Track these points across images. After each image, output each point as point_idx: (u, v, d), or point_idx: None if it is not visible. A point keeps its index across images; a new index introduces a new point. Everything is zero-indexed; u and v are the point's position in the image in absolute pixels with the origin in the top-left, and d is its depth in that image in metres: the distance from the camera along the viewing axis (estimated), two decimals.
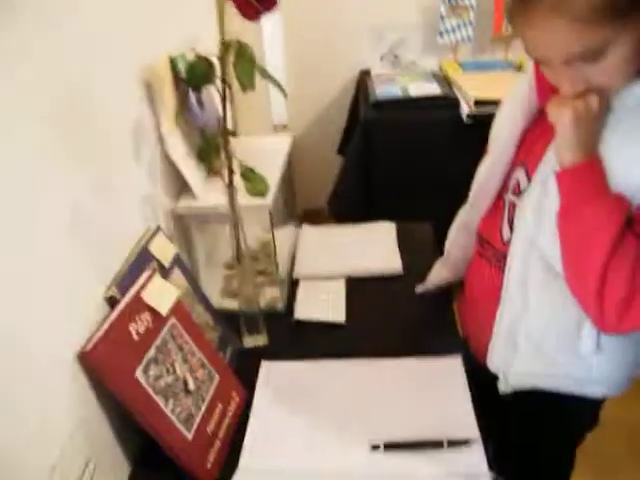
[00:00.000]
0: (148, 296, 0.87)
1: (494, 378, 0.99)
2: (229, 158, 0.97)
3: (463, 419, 0.91)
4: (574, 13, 0.68)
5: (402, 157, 2.08)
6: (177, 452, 0.84)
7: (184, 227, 1.18)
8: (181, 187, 1.16)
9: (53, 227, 0.75)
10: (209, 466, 0.87)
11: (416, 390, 0.97)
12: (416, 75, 2.45)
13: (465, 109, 2.03)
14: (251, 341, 1.14)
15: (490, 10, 2.41)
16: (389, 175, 2.10)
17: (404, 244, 1.40)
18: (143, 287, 0.88)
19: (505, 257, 0.90)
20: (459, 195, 1.06)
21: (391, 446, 0.86)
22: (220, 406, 0.94)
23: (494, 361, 0.97)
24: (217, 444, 0.91)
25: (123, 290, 0.87)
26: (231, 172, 0.98)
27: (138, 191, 1.01)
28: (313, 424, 0.93)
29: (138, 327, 0.84)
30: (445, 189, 2.00)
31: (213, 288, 1.28)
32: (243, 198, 1.04)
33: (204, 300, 1.09)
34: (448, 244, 1.15)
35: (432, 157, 2.05)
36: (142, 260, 0.94)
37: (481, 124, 1.00)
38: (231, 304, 1.21)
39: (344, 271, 1.31)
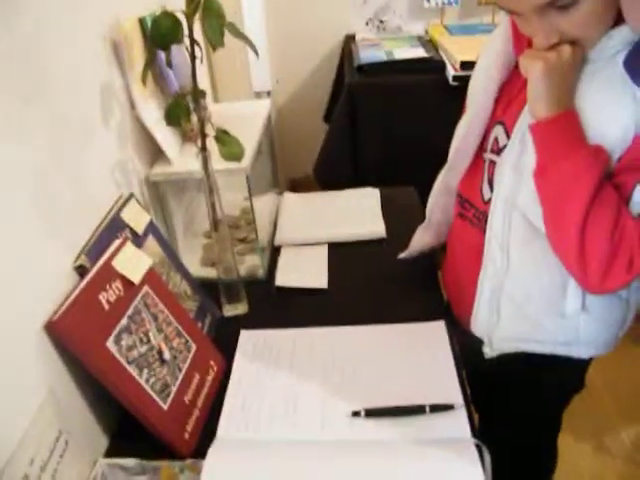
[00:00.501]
0: (119, 264, 0.84)
1: (479, 342, 0.97)
2: (201, 120, 0.94)
3: (446, 384, 0.88)
4: None
5: (388, 121, 2.05)
6: (153, 423, 0.82)
7: (160, 195, 1.14)
8: (156, 153, 1.13)
9: (14, 195, 0.72)
10: (187, 436, 0.85)
11: (399, 356, 0.95)
12: (402, 40, 2.40)
13: (451, 71, 1.99)
14: (231, 310, 1.12)
15: None
16: (375, 140, 2.06)
17: (388, 209, 1.38)
18: (114, 255, 0.85)
19: (486, 217, 0.88)
20: (444, 158, 1.03)
21: (372, 413, 0.84)
22: (197, 376, 0.92)
23: (478, 325, 0.95)
24: (195, 414, 0.88)
25: (93, 259, 0.84)
26: (204, 135, 0.95)
27: (108, 157, 0.97)
28: (292, 393, 0.90)
29: (109, 296, 0.81)
30: (431, 152, 1.97)
31: (192, 257, 1.25)
32: (218, 163, 1.01)
33: (181, 269, 1.06)
34: (429, 208, 1.11)
35: (418, 120, 2.02)
36: (113, 228, 0.91)
37: (467, 86, 0.96)
38: (210, 273, 1.19)
39: (326, 237, 1.29)
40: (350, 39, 2.53)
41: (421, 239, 1.16)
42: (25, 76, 0.75)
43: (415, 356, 0.94)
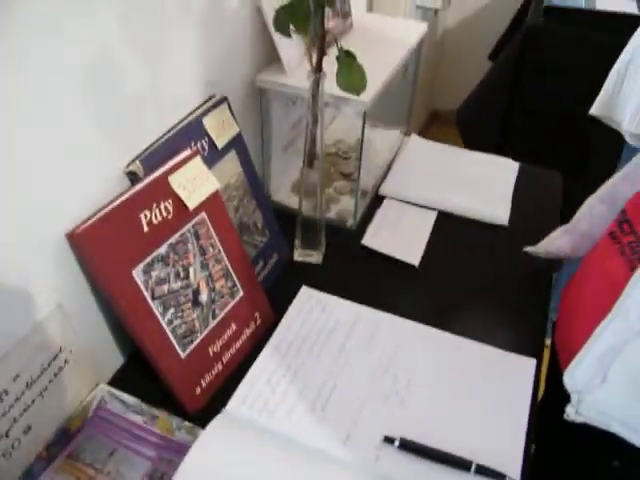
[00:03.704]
0: (177, 181, 0.72)
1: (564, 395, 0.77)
2: (322, 32, 0.76)
3: (509, 444, 0.71)
4: None
5: (562, 84, 1.73)
6: (162, 369, 0.71)
7: (263, 105, 0.99)
8: (270, 57, 0.96)
9: (69, 74, 0.59)
10: (198, 391, 0.75)
11: (467, 384, 0.78)
12: None
13: None
14: (303, 255, 0.98)
15: None
16: (539, 100, 1.76)
17: (522, 191, 1.15)
18: (175, 169, 0.72)
19: None
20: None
21: (407, 446, 0.70)
22: (234, 327, 0.80)
23: (574, 379, 0.75)
24: (217, 368, 0.78)
25: (150, 167, 0.71)
26: (322, 52, 0.78)
27: (208, 45, 0.82)
28: (330, 385, 0.77)
29: (152, 216, 0.69)
30: (603, 139, 1.66)
31: (285, 181, 1.11)
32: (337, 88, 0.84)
33: (259, 197, 0.92)
34: (580, 213, 0.90)
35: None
36: (189, 135, 0.78)
37: None
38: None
39: (439, 203, 1.09)
40: None
41: (557, 241, 0.94)
42: None
43: (486, 391, 0.77)
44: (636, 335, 0.66)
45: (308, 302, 0.88)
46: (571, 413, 0.74)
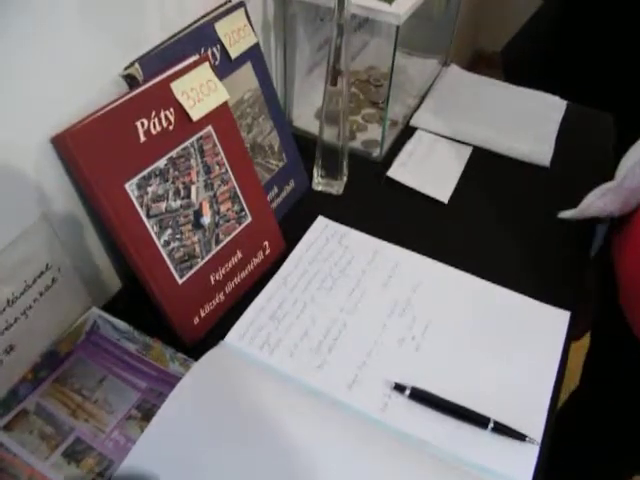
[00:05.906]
0: (180, 89, 0.64)
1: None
2: None
3: (532, 405, 0.64)
4: None
5: (621, 24, 1.58)
6: (157, 294, 0.65)
7: (288, 17, 0.90)
8: None
9: None
10: (196, 321, 0.69)
11: (489, 335, 0.70)
12: None
13: None
14: (322, 185, 0.90)
15: None
16: (591, 40, 1.61)
17: (569, 132, 1.05)
18: (179, 75, 0.64)
19: None
20: None
21: (419, 396, 0.63)
22: (240, 255, 0.73)
23: None
24: (218, 298, 0.71)
25: (150, 72, 0.64)
26: None
27: None
28: (340, 324, 0.70)
29: (151, 125, 0.62)
30: None
31: (308, 107, 1.02)
32: None
33: (277, 117, 0.84)
34: (626, 168, 0.76)
35: None
36: (198, 40, 0.70)
37: None
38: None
39: (475, 137, 1.00)
40: None
41: (599, 202, 0.80)
42: None
43: (512, 344, 0.69)
44: None
45: (324, 233, 0.81)
46: None
